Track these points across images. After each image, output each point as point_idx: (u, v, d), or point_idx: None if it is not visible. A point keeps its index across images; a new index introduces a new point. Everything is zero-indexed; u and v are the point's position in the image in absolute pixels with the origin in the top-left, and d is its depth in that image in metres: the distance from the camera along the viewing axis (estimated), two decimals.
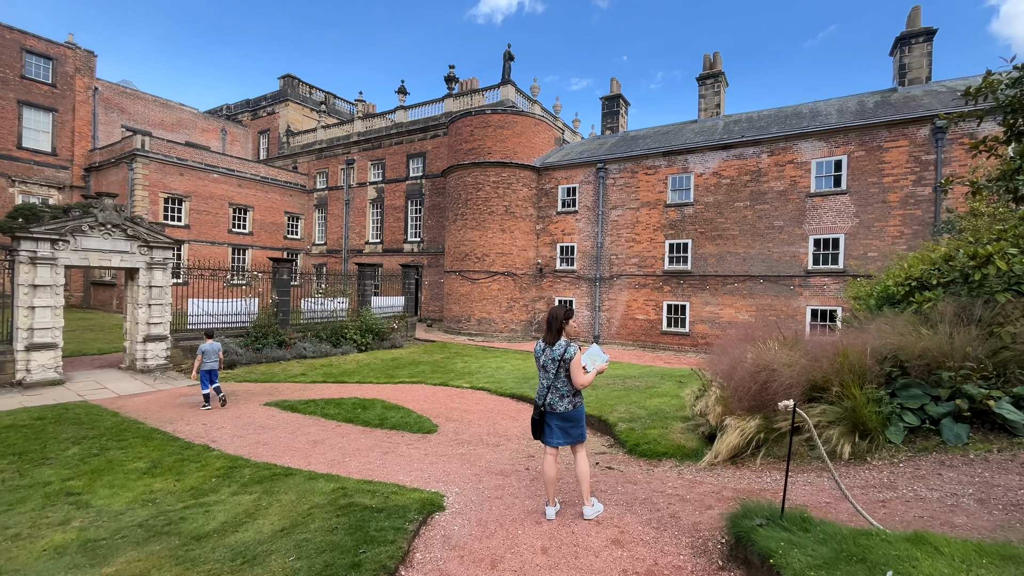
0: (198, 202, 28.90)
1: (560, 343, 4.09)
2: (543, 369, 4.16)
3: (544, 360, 4.15)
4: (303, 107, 38.14)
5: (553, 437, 4.12)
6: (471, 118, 22.63)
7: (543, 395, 4.16)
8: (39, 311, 10.52)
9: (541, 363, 4.18)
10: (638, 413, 6.91)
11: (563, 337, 4.11)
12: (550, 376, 4.08)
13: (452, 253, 23.20)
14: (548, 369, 4.10)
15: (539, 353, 4.21)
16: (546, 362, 4.12)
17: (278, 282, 15.51)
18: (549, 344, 4.14)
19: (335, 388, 11.12)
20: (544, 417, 4.15)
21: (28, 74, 28.41)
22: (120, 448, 6.80)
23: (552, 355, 4.08)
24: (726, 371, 5.12)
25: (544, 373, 4.15)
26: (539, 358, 4.20)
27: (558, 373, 4.05)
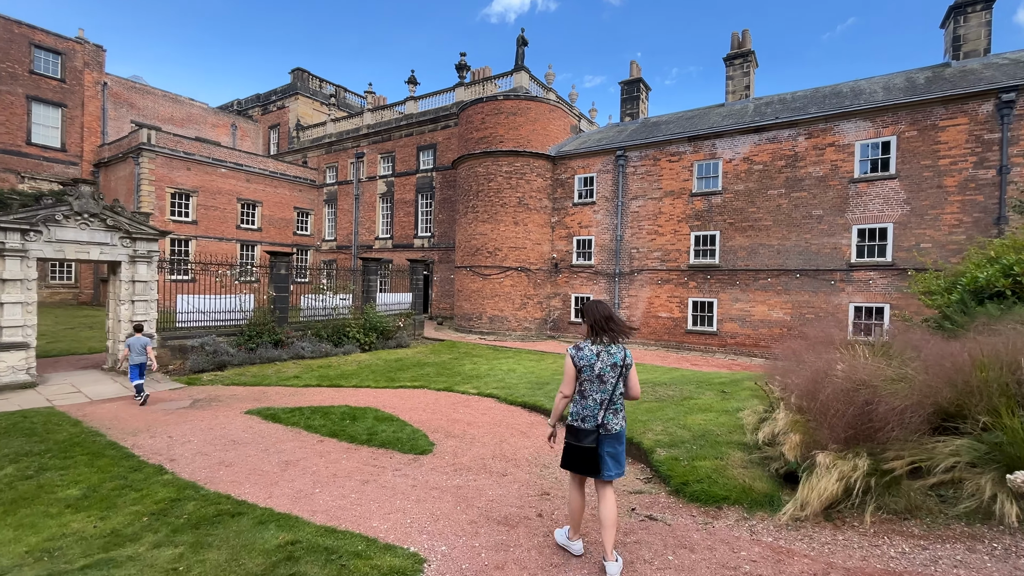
0: (206, 197, 28.28)
1: (619, 346, 3.34)
2: (598, 379, 3.29)
3: (601, 368, 3.28)
4: (313, 101, 37.42)
5: (608, 468, 3.30)
6: (482, 105, 21.43)
7: (596, 413, 3.26)
8: (7, 308, 9.66)
9: (597, 372, 3.28)
10: (680, 435, 5.58)
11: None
12: (608, 388, 3.27)
13: (463, 248, 22.05)
14: (606, 379, 3.28)
15: (591, 360, 3.30)
16: (603, 370, 3.28)
17: (276, 277, 14.55)
18: (605, 347, 3.32)
19: (329, 393, 10.05)
20: (599, 445, 3.27)
21: (37, 69, 28.09)
22: (61, 468, 5.79)
23: (613, 360, 3.29)
24: (805, 387, 3.84)
25: (599, 384, 3.29)
26: (592, 366, 3.29)
27: (618, 383, 3.31)
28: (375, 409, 8.39)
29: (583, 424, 3.30)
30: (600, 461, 3.27)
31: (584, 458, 3.27)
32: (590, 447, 3.24)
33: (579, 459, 3.31)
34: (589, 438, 3.25)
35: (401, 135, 29.12)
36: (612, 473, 3.32)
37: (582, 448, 3.27)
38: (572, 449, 3.36)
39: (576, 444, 3.31)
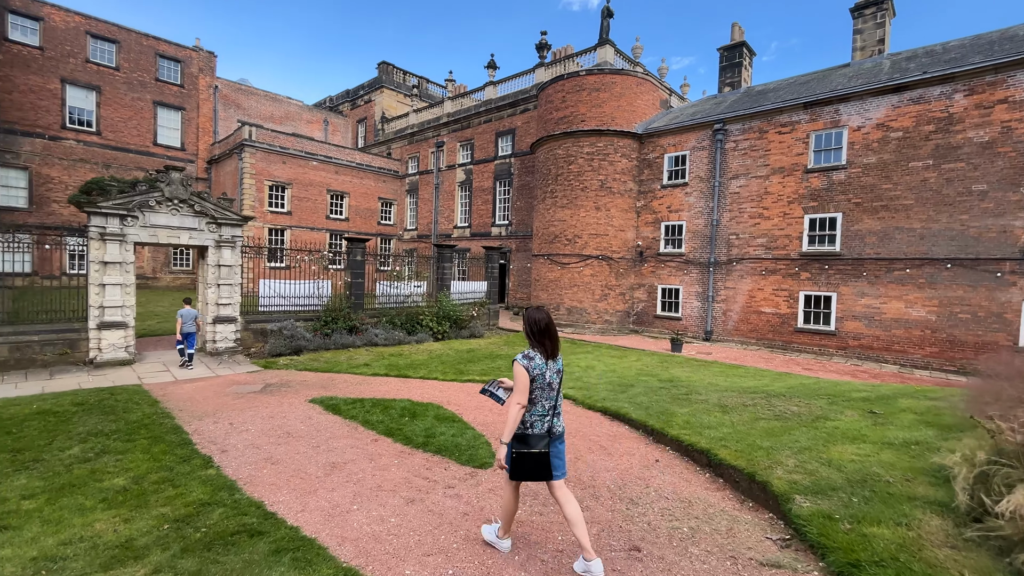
0: (299, 189, 29.86)
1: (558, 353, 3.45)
2: (548, 387, 3.34)
3: (550, 376, 3.35)
4: (397, 93, 38.20)
5: (557, 469, 3.37)
6: (563, 82, 20.09)
7: (548, 419, 3.33)
8: (109, 289, 10.24)
9: (547, 380, 3.33)
10: (826, 476, 4.00)
11: None
12: (554, 394, 3.38)
13: (540, 235, 21.01)
14: (554, 386, 3.38)
15: (541, 369, 3.30)
16: (552, 378, 3.36)
17: (352, 263, 14.51)
18: (551, 357, 3.37)
19: (394, 384, 9.55)
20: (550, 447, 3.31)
21: (161, 77, 31.21)
22: (119, 453, 5.63)
23: (557, 367, 3.42)
24: None
25: (549, 391, 3.34)
26: (544, 374, 3.30)
27: (560, 388, 3.44)
28: (437, 406, 7.65)
29: (535, 430, 3.27)
30: (549, 466, 3.27)
31: (537, 464, 3.23)
32: (543, 451, 3.23)
33: (531, 466, 3.25)
34: (542, 443, 3.26)
35: (480, 122, 28.60)
36: (560, 472, 3.36)
37: (534, 454, 3.23)
38: (523, 457, 3.25)
39: (528, 451, 3.24)
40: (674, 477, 4.96)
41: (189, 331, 10.51)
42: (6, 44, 25.85)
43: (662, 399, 7.53)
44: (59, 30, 27.40)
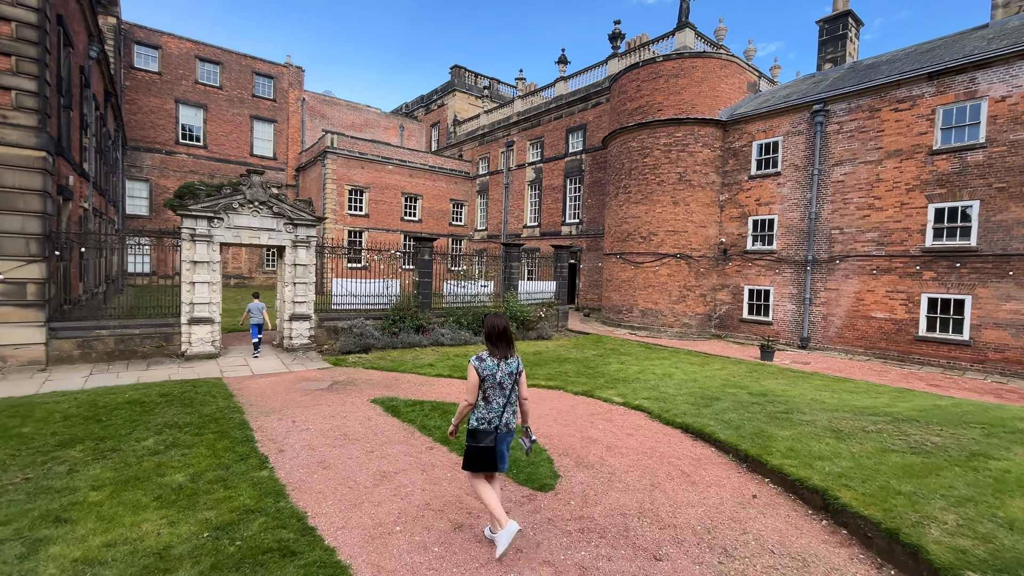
0: (376, 192, 31.02)
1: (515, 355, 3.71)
2: (499, 387, 3.58)
3: (501, 377, 3.58)
4: (469, 95, 38.63)
5: (503, 462, 3.67)
6: (637, 71, 18.95)
7: (500, 415, 3.57)
8: (198, 287, 10.88)
9: (497, 380, 3.57)
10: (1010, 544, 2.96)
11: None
12: (507, 392, 3.62)
13: (612, 233, 19.98)
14: (505, 386, 3.61)
15: (492, 370, 3.55)
16: (503, 378, 3.59)
17: (419, 263, 14.53)
18: (503, 358, 3.62)
19: (457, 386, 9.21)
20: (497, 444, 3.56)
21: (257, 93, 33.90)
22: (186, 447, 5.71)
23: (510, 369, 3.64)
24: None
25: (500, 391, 3.59)
26: (493, 375, 3.55)
27: (514, 387, 3.67)
28: None
29: (487, 426, 3.52)
30: (497, 457, 3.55)
31: (484, 457, 3.51)
32: (488, 446, 3.49)
33: (480, 458, 3.53)
34: (488, 438, 3.50)
35: (550, 119, 28.00)
36: (504, 467, 3.66)
37: (481, 448, 3.50)
38: (473, 451, 3.54)
39: (477, 445, 3.51)
40: (779, 521, 4.04)
41: (257, 322, 11.53)
42: (132, 71, 29.30)
43: (756, 417, 6.48)
44: (173, 56, 30.62)
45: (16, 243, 9.09)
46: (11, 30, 8.90)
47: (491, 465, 3.55)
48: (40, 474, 4.95)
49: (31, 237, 9.21)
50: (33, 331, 9.35)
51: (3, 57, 8.87)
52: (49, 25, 9.61)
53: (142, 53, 29.66)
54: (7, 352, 9.14)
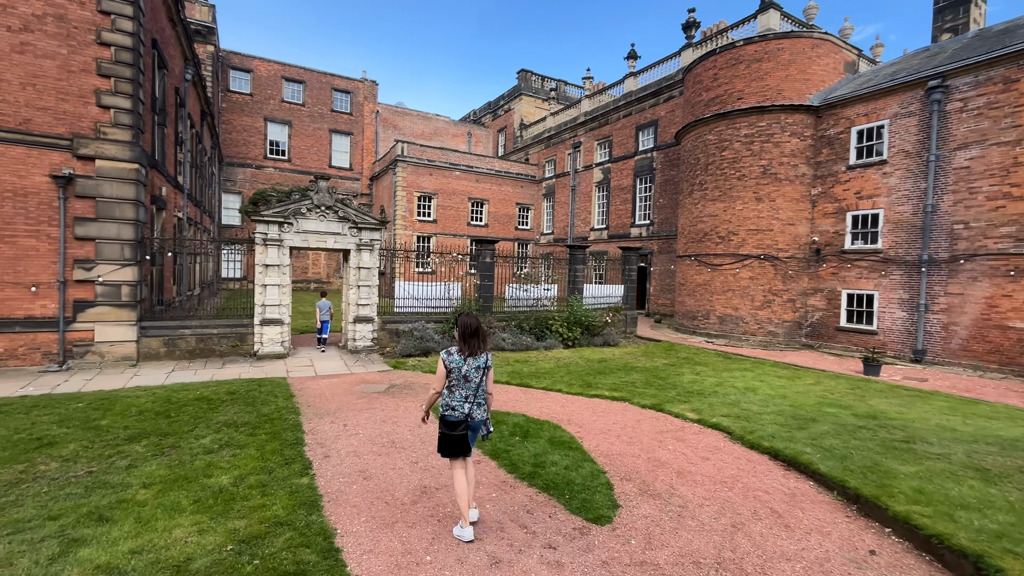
0: (443, 198, 31.56)
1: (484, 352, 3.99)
2: (464, 379, 3.90)
3: (467, 370, 3.90)
4: (535, 99, 38.39)
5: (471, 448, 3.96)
6: (714, 58, 17.55)
7: (464, 406, 3.89)
8: (269, 289, 11.31)
9: (463, 373, 3.89)
10: None
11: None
12: (472, 386, 3.92)
13: (686, 233, 18.62)
14: (471, 379, 3.92)
15: (458, 364, 3.89)
16: (468, 372, 3.90)
17: (481, 265, 14.27)
18: (472, 354, 3.92)
19: (513, 394, 8.73)
20: (468, 430, 3.88)
21: (335, 108, 35.90)
22: (238, 447, 5.69)
23: (477, 363, 3.94)
24: None
25: (466, 383, 3.90)
26: (459, 368, 3.89)
27: (481, 382, 3.95)
28: (555, 425, 6.56)
29: (454, 414, 3.85)
30: (467, 444, 3.88)
31: (456, 444, 3.83)
32: (461, 435, 3.82)
33: (452, 445, 3.84)
34: (459, 428, 3.84)
35: (618, 116, 26.94)
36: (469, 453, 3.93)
37: (454, 436, 3.83)
38: (446, 437, 3.86)
39: (449, 433, 3.85)
40: None
41: (324, 319, 12.66)
42: (228, 94, 32.13)
43: (866, 445, 5.36)
44: (263, 77, 33.21)
45: (113, 248, 9.89)
46: (111, 54, 9.74)
47: (463, 451, 3.86)
48: (103, 468, 5.09)
49: (125, 243, 10.00)
50: (126, 329, 10.12)
51: (104, 79, 9.73)
52: (143, 48, 10.45)
53: (236, 77, 32.45)
54: (104, 348, 9.95)
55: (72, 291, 9.68)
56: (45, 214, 9.45)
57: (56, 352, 9.62)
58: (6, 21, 9.05)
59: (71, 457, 5.37)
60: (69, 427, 6.30)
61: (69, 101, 9.55)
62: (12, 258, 9.29)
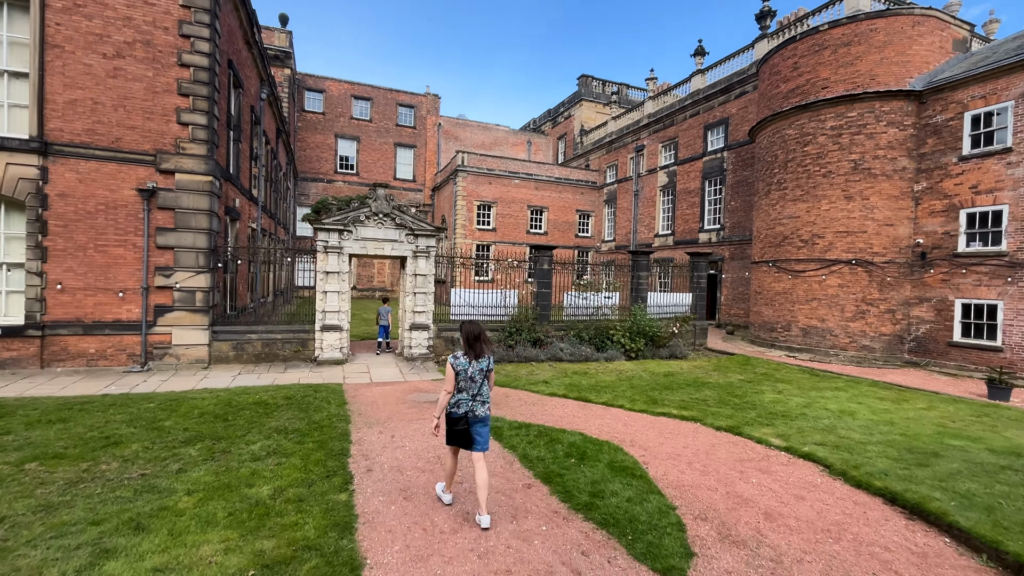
0: (502, 207, 31.51)
1: (487, 356, 4.32)
2: (470, 380, 4.22)
3: (472, 372, 4.22)
4: (596, 104, 37.61)
5: (480, 442, 4.22)
6: (794, 46, 16.08)
7: (468, 405, 4.21)
8: (329, 296, 11.49)
9: (468, 375, 4.21)
10: None
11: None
12: (476, 386, 4.24)
13: (763, 237, 17.10)
14: (476, 380, 4.24)
15: (464, 367, 4.22)
16: (474, 373, 4.23)
17: (538, 272, 13.79)
18: (476, 358, 4.25)
19: (571, 408, 8.12)
20: (470, 426, 4.21)
21: (399, 122, 37.14)
22: (284, 456, 5.56)
23: (480, 367, 4.25)
24: None
25: (472, 384, 4.23)
26: (465, 370, 4.21)
27: (483, 383, 4.28)
28: (616, 447, 5.89)
29: (457, 411, 4.21)
30: (471, 438, 4.20)
31: (461, 435, 4.20)
32: (462, 428, 4.18)
33: (456, 437, 4.23)
34: (460, 423, 4.20)
35: (685, 117, 25.60)
36: (480, 448, 4.22)
37: (457, 430, 4.21)
38: (450, 431, 4.26)
39: (453, 428, 4.22)
40: None
41: (383, 324, 13.34)
42: (303, 114, 34.19)
43: (1018, 493, 4.24)
44: (334, 96, 35.04)
45: (188, 256, 10.44)
46: (190, 74, 10.37)
47: (466, 442, 4.20)
48: (156, 471, 5.10)
49: (200, 251, 10.52)
50: (199, 333, 10.62)
51: (183, 97, 10.36)
52: (219, 68, 11.05)
53: (310, 97, 34.48)
54: (180, 351, 10.49)
55: (153, 296, 10.30)
56: (131, 225, 10.14)
57: (139, 354, 10.25)
58: (102, 49, 9.87)
59: (131, 457, 5.46)
60: (136, 427, 6.50)
61: (154, 120, 10.24)
62: (104, 266, 10.03)
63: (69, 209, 9.77)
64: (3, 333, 9.43)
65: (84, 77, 9.78)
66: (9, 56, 9.56)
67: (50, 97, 9.60)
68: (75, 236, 9.82)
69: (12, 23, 9.56)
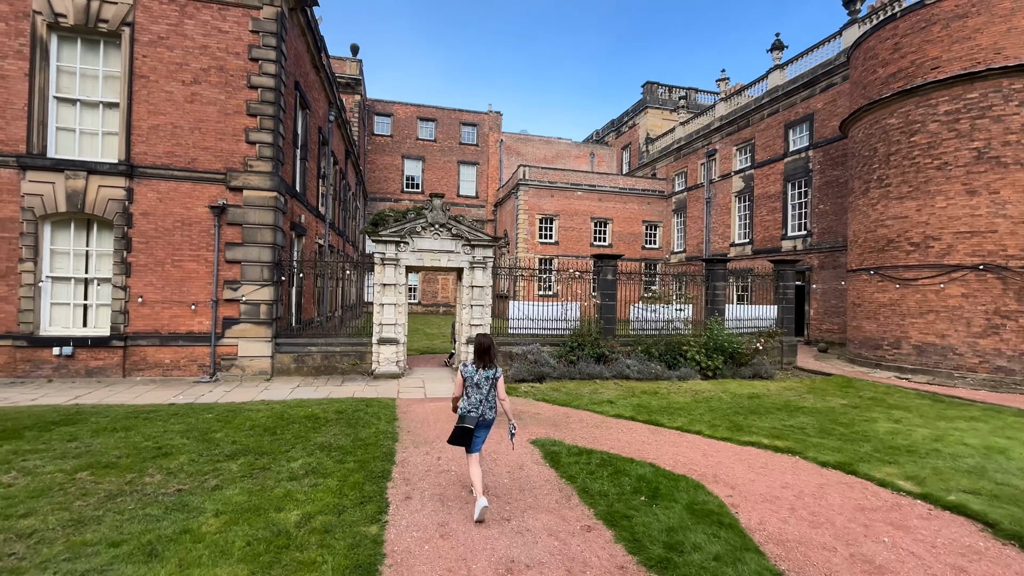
0: (565, 219, 30.84)
1: (494, 366, 4.73)
2: (476, 387, 4.60)
3: (478, 379, 4.61)
4: (662, 111, 36.17)
5: (476, 446, 4.60)
6: (893, 25, 14.20)
7: (478, 408, 4.57)
8: (386, 308, 11.34)
9: (475, 381, 4.61)
10: None
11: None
12: (483, 392, 4.61)
13: (862, 241, 15.05)
14: (482, 386, 4.61)
15: (472, 374, 4.63)
16: (479, 380, 4.61)
17: (601, 283, 12.90)
18: (483, 367, 4.66)
19: (639, 433, 7.16)
20: (476, 428, 4.56)
21: (462, 140, 37.83)
22: (322, 476, 5.17)
23: (486, 375, 4.64)
24: None
25: (477, 390, 4.60)
26: (472, 377, 4.62)
27: (491, 389, 4.65)
28: (696, 484, 4.92)
29: (468, 414, 4.55)
30: (472, 440, 4.56)
31: (462, 436, 4.53)
32: (469, 428, 4.52)
33: (459, 437, 4.54)
34: (467, 422, 4.53)
35: (762, 116, 23.69)
36: (475, 450, 4.60)
37: (462, 428, 4.52)
38: (457, 430, 4.56)
39: (461, 426, 4.54)
40: None
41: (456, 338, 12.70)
42: (373, 137, 35.78)
43: None
44: (401, 120, 36.41)
45: (254, 269, 10.71)
46: (257, 95, 10.78)
47: (466, 443, 4.52)
48: (193, 486, 4.87)
49: (264, 264, 10.77)
50: (263, 345, 10.80)
51: (251, 118, 10.76)
52: (284, 88, 11.44)
53: (379, 121, 36.05)
54: (245, 362, 10.71)
55: (221, 309, 10.64)
56: (204, 240, 10.59)
57: (208, 364, 10.57)
58: (181, 76, 10.50)
59: (175, 470, 5.30)
60: (188, 438, 6.43)
61: (225, 140, 10.71)
62: (179, 280, 10.51)
63: (150, 227, 10.37)
64: (92, 343, 10.07)
65: (165, 104, 10.44)
66: (104, 88, 10.41)
67: (136, 123, 10.31)
68: (155, 252, 10.39)
69: (107, 58, 10.42)
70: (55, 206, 9.94)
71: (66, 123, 10.27)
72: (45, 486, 4.80)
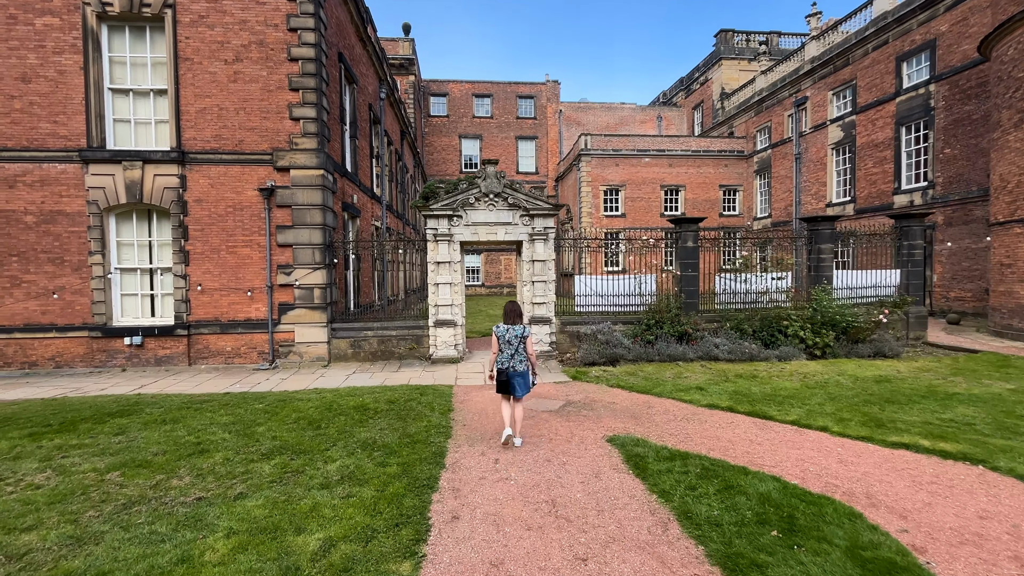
0: (632, 189, 28.73)
1: (521, 324, 5.51)
2: (508, 344, 5.37)
3: (509, 336, 5.39)
4: (739, 61, 32.45)
5: (517, 391, 5.33)
6: None
7: (508, 362, 5.36)
8: (441, 288, 10.54)
9: (506, 339, 5.38)
10: None
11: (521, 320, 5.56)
12: (513, 347, 5.37)
13: (1012, 188, 12.11)
14: (512, 343, 5.38)
15: (503, 333, 5.41)
16: (511, 338, 5.38)
17: (680, 252, 11.27)
18: (511, 325, 5.45)
19: (744, 428, 5.77)
20: (509, 379, 5.32)
21: (520, 114, 36.39)
22: (359, 483, 4.37)
23: (515, 333, 5.40)
24: None
25: (508, 346, 5.36)
26: (503, 336, 5.40)
27: (519, 345, 5.38)
28: (849, 510, 3.52)
29: (501, 367, 5.37)
30: (511, 387, 5.31)
31: (503, 385, 5.35)
32: (504, 380, 5.34)
33: (502, 386, 5.38)
34: (503, 375, 5.35)
35: (866, 51, 20.15)
36: (520, 393, 5.34)
37: (501, 380, 5.36)
38: (498, 382, 5.41)
39: (499, 379, 5.39)
40: None
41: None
42: (429, 119, 35.32)
43: None
44: (456, 98, 35.58)
45: (305, 252, 10.27)
46: (299, 68, 10.17)
47: (507, 391, 5.37)
48: (215, 494, 4.23)
49: (315, 247, 10.30)
50: (318, 331, 10.41)
51: (294, 92, 10.20)
52: (326, 59, 10.77)
53: (435, 102, 35.48)
54: (302, 348, 10.38)
55: (277, 295, 10.33)
56: (255, 224, 10.27)
57: (267, 351, 10.36)
58: (223, 55, 10.11)
59: (206, 472, 4.74)
60: (230, 432, 5.95)
61: (269, 118, 10.25)
62: (234, 266, 10.30)
63: (204, 213, 10.19)
64: (159, 332, 10.15)
65: (210, 85, 10.12)
66: (153, 76, 10.27)
67: (184, 108, 10.09)
68: (210, 239, 10.22)
69: (153, 44, 10.24)
70: (116, 198, 9.99)
71: (121, 114, 10.26)
72: (69, 490, 4.37)
